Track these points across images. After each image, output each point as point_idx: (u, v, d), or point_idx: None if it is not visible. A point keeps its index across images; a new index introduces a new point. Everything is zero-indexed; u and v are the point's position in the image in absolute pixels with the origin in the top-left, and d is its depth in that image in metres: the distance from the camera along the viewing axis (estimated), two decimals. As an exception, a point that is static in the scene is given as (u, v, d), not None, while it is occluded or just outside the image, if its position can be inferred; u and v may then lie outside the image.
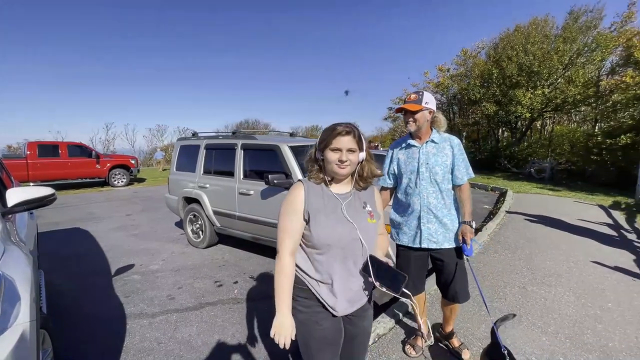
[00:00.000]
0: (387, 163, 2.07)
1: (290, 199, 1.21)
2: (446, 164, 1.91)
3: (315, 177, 1.24)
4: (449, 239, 1.94)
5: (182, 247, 4.69)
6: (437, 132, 1.96)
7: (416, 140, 1.96)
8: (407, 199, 1.97)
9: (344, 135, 1.15)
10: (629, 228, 5.45)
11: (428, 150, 1.93)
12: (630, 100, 10.78)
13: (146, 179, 13.95)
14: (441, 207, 1.92)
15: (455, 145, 1.95)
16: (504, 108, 15.46)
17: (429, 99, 1.87)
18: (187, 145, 4.91)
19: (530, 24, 15.43)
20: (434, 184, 1.91)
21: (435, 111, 1.92)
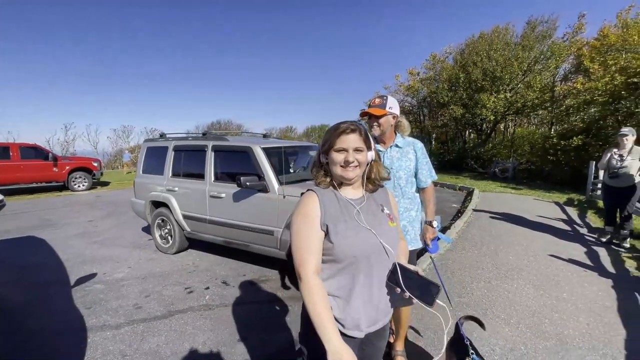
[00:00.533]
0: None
1: (304, 211, 1.05)
2: (409, 168, 1.96)
3: (322, 182, 1.13)
4: (410, 241, 1.99)
5: (149, 254, 4.48)
6: (401, 137, 2.00)
7: (380, 145, 1.99)
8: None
9: (349, 133, 1.06)
10: (581, 223, 5.89)
11: (392, 154, 1.97)
12: (581, 105, 11.68)
13: (110, 183, 13.22)
14: (402, 211, 1.97)
15: (419, 149, 1.99)
16: (470, 111, 16.23)
17: (392, 103, 1.90)
18: (155, 147, 4.70)
19: (493, 32, 16.32)
20: (397, 188, 1.95)
21: (399, 116, 1.96)
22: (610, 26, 12.27)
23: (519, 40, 15.65)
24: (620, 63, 10.03)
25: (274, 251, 3.40)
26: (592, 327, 2.50)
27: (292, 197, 3.20)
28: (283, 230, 3.25)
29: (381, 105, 1.87)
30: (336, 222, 1.04)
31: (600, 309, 2.78)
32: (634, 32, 10.42)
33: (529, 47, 14.94)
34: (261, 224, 3.44)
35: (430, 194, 2.07)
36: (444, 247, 4.39)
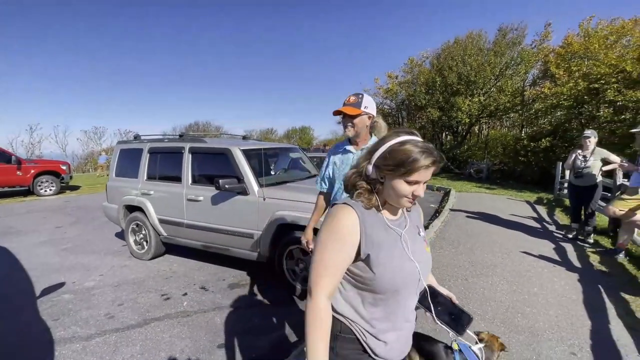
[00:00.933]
0: (324, 167, 2.00)
1: (337, 226, 0.91)
2: None
3: (365, 200, 0.96)
4: None
5: (123, 260, 4.30)
6: (375, 139, 1.84)
7: (353, 147, 1.88)
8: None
9: (431, 166, 0.89)
10: (550, 220, 6.20)
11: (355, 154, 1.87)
12: (549, 109, 12.32)
13: (81, 187, 12.60)
14: None
15: None
16: (446, 114, 16.75)
17: (368, 102, 1.78)
18: (129, 149, 4.53)
19: (467, 37, 16.94)
20: None
21: (375, 116, 1.84)
22: (574, 35, 13.02)
23: (491, 46, 16.35)
24: (583, 70, 10.67)
25: (254, 254, 3.36)
26: (561, 319, 2.63)
27: (272, 200, 3.17)
28: (263, 233, 3.21)
29: (356, 104, 1.75)
30: (379, 249, 0.92)
31: (568, 302, 2.93)
32: (595, 41, 11.12)
33: (501, 53, 15.63)
34: (241, 227, 3.38)
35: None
36: None
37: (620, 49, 10.95)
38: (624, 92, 9.12)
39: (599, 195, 4.68)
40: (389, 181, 0.93)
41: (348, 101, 1.77)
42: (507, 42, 15.92)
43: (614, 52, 10.50)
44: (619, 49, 10.95)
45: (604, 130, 9.60)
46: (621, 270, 3.68)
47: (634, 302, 2.91)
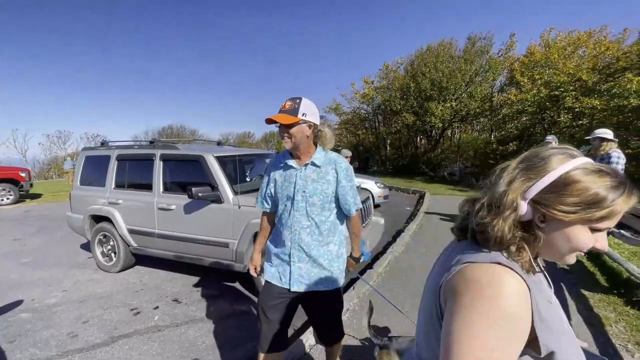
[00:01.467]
0: (265, 184, 1.74)
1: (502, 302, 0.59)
2: (327, 193, 1.57)
3: (521, 258, 0.67)
4: (325, 281, 1.64)
5: (89, 273, 4.07)
6: (322, 152, 1.62)
7: (295, 161, 1.61)
8: (280, 228, 1.66)
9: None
10: (517, 221, 6.51)
11: (307, 174, 1.58)
12: (515, 114, 13.02)
13: (43, 195, 11.85)
14: (316, 245, 1.60)
15: (342, 169, 1.60)
16: (420, 118, 17.26)
17: (308, 108, 1.52)
18: (95, 156, 4.31)
19: (439, 45, 17.60)
20: (309, 217, 1.58)
21: (318, 125, 1.59)
22: (536, 45, 13.86)
23: (461, 54, 17.06)
24: (544, 78, 11.37)
25: (230, 264, 3.28)
26: (527, 318, 2.75)
27: (248, 207, 3.12)
28: (239, 241, 3.15)
29: (292, 111, 1.49)
30: (558, 338, 0.64)
31: (534, 300, 3.07)
32: (554, 51, 11.89)
33: (470, 60, 16.35)
34: (215, 236, 3.30)
35: (356, 225, 1.75)
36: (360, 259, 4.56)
37: (577, 59, 11.78)
38: (580, 99, 9.79)
39: (560, 197, 4.97)
40: (558, 227, 0.65)
41: (283, 107, 1.52)
42: (476, 51, 16.69)
43: (572, 62, 11.27)
44: (576, 59, 11.77)
45: (564, 134, 10.26)
46: (581, 267, 3.92)
47: (592, 297, 3.10)
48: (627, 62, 9.30)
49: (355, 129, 24.82)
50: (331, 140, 1.63)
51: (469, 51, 16.69)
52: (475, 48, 16.75)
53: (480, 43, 16.82)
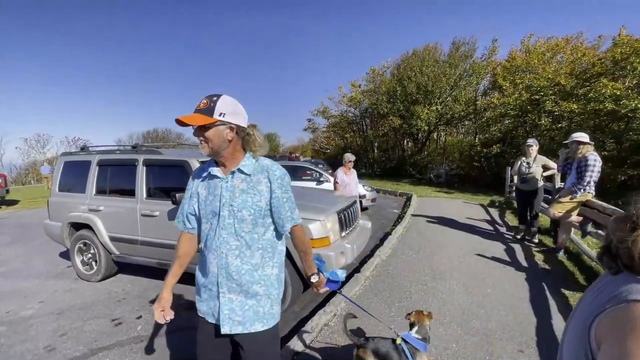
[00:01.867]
0: (186, 199, 1.44)
1: None
2: (259, 206, 1.32)
3: None
4: (264, 317, 1.34)
5: (68, 283, 3.93)
6: (252, 158, 1.37)
7: (220, 169, 1.35)
8: (206, 252, 1.38)
9: None
10: (501, 222, 6.66)
11: (235, 184, 1.33)
12: (498, 117, 13.35)
13: (20, 201, 11.42)
14: (249, 269, 1.32)
15: (275, 178, 1.34)
16: (407, 121, 17.51)
17: (227, 107, 1.26)
18: (74, 161, 4.18)
19: (424, 49, 17.94)
20: (238, 236, 1.31)
21: (242, 126, 1.32)
22: (517, 50, 14.28)
23: (446, 59, 17.45)
24: (525, 82, 11.71)
25: (215, 271, 3.22)
26: (510, 318, 2.81)
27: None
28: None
29: (207, 110, 1.24)
30: None
31: (516, 300, 3.14)
32: (534, 57, 12.27)
33: (455, 65, 16.73)
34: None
35: (302, 240, 1.48)
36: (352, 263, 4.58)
37: (556, 65, 12.19)
38: (559, 103, 10.12)
39: (541, 199, 5.12)
40: None
41: (198, 106, 1.27)
42: (460, 55, 17.10)
43: (551, 67, 11.66)
44: (555, 65, 12.19)
45: (545, 137, 10.57)
46: (561, 267, 4.03)
47: (572, 297, 3.19)
48: (602, 68, 9.68)
49: (343, 132, 24.97)
50: (262, 146, 1.37)
51: (453, 55, 17.08)
52: (460, 52, 17.16)
53: (464, 48, 17.25)
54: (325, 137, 29.41)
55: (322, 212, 3.11)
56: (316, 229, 2.93)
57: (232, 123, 1.27)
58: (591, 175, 3.88)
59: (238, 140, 1.33)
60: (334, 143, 28.52)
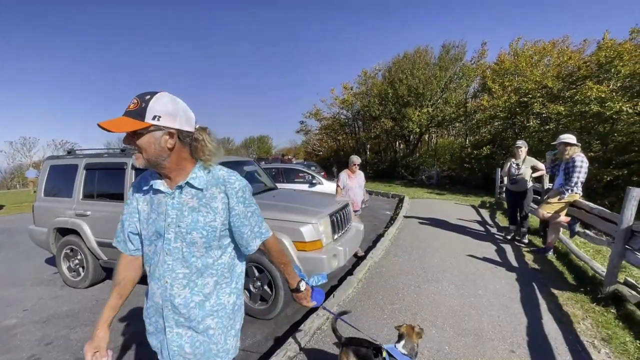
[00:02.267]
0: (127, 214, 1.21)
1: None
2: (213, 227, 1.11)
3: None
4: (217, 353, 1.18)
5: (55, 290, 3.83)
6: (203, 169, 1.14)
7: (164, 182, 1.13)
8: (149, 280, 1.20)
9: None
10: (492, 223, 6.74)
11: (183, 201, 1.11)
12: (487, 119, 13.54)
13: (4, 206, 11.11)
14: (199, 301, 1.13)
15: (234, 192, 1.13)
16: (398, 124, 17.65)
17: (163, 108, 1.02)
18: (61, 165, 4.09)
19: (415, 52, 18.13)
20: (187, 262, 1.11)
21: (187, 130, 1.08)
22: (505, 53, 14.54)
23: (436, 61, 17.66)
24: (514, 85, 11.92)
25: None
26: (502, 319, 2.83)
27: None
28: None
29: (136, 113, 1.00)
30: None
31: (507, 301, 3.17)
32: (522, 60, 12.51)
33: (445, 67, 16.95)
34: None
35: (279, 252, 1.31)
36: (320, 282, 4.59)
37: (543, 67, 12.44)
38: (547, 105, 10.33)
39: (530, 199, 5.19)
40: None
41: (128, 107, 1.03)
42: (450, 58, 17.33)
43: (538, 70, 11.89)
44: (542, 67, 12.43)
45: (533, 139, 10.76)
46: (551, 267, 4.09)
47: (561, 296, 3.23)
48: (588, 71, 9.92)
49: (336, 134, 25.02)
50: (215, 153, 1.15)
51: (443, 58, 17.31)
52: (450, 55, 17.40)
53: (454, 51, 17.50)
54: (318, 139, 29.43)
55: (314, 214, 3.09)
56: (308, 232, 2.92)
57: (170, 127, 1.03)
58: (578, 176, 3.95)
59: (183, 148, 1.10)
60: (327, 145, 28.56)
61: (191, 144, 1.11)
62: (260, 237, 1.22)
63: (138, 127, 0.99)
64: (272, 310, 2.93)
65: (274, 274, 2.87)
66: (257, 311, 3.00)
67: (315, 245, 2.95)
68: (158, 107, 1.01)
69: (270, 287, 2.95)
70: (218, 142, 1.17)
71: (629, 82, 8.76)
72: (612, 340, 2.49)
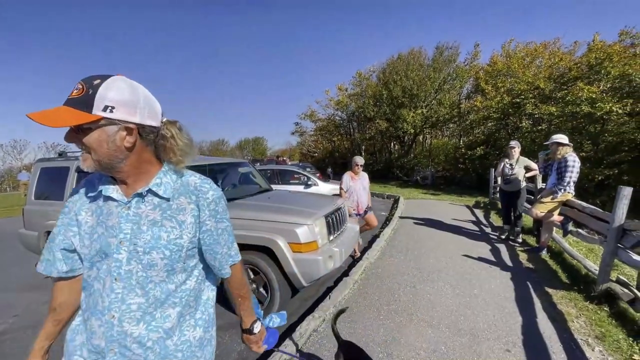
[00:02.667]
0: (61, 226, 0.96)
1: None
2: (179, 245, 0.91)
3: None
4: None
5: (45, 295, 3.75)
6: (172, 173, 0.94)
7: (118, 188, 0.91)
8: (87, 314, 0.93)
9: None
10: (486, 223, 6.78)
11: (141, 212, 0.89)
12: (481, 120, 13.66)
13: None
14: (158, 339, 0.91)
15: (208, 203, 0.95)
16: (393, 124, 17.73)
17: (118, 95, 0.80)
18: (52, 167, 4.03)
19: (409, 53, 18.26)
20: (143, 290, 0.89)
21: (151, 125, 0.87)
22: (498, 55, 14.70)
23: (430, 63, 17.81)
24: (507, 86, 12.06)
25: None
26: (497, 318, 2.84)
27: (218, 219, 3.02)
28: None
29: (80, 102, 0.78)
30: None
31: (503, 300, 3.18)
32: (514, 61, 12.66)
33: (439, 69, 17.09)
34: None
35: (239, 283, 1.10)
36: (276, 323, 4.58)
37: (535, 69, 12.61)
38: (539, 106, 10.45)
39: (524, 199, 5.24)
40: None
41: (70, 94, 0.80)
42: (444, 59, 17.48)
43: (530, 71, 12.05)
44: (534, 69, 12.59)
45: (526, 139, 10.88)
46: (544, 266, 4.12)
47: (555, 294, 3.26)
48: (578, 72, 10.08)
49: (331, 136, 25.08)
50: (187, 152, 0.93)
51: (437, 60, 17.45)
52: (443, 57, 17.56)
53: (447, 52, 17.65)
54: (313, 140, 29.46)
55: (309, 215, 3.08)
56: (304, 233, 2.90)
57: (128, 121, 0.81)
58: (571, 176, 4.00)
59: (146, 147, 0.88)
60: (322, 146, 28.59)
61: (156, 142, 0.90)
62: (230, 260, 1.05)
63: (83, 120, 0.77)
64: (268, 312, 2.91)
65: (269, 276, 2.85)
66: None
67: (310, 247, 2.93)
68: (111, 94, 0.79)
69: (266, 290, 2.94)
70: (191, 139, 0.96)
71: (618, 83, 8.92)
72: (605, 338, 2.52)
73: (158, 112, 0.90)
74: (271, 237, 2.81)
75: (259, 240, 2.84)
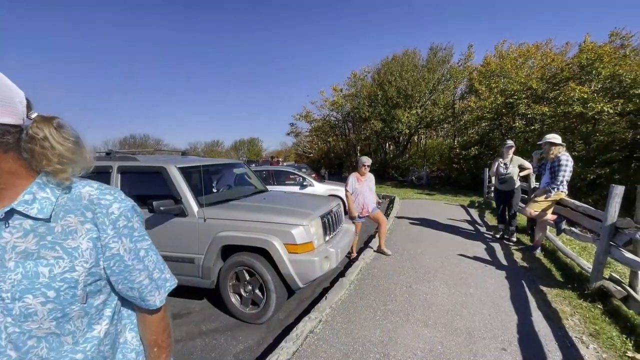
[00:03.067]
0: None
1: None
2: (70, 281, 0.68)
3: None
4: None
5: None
6: (51, 185, 0.70)
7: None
8: None
9: None
10: (481, 222, 6.83)
11: (3, 242, 0.65)
12: (475, 120, 13.77)
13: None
14: None
15: (109, 219, 0.73)
16: (388, 125, 17.79)
17: None
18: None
19: (403, 54, 18.34)
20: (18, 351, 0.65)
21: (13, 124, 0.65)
22: (491, 56, 14.84)
23: (424, 63, 17.90)
24: (500, 86, 12.16)
25: (196, 280, 3.12)
26: (493, 317, 2.85)
27: (213, 220, 3.00)
28: (205, 256, 3.00)
29: None
30: None
31: (498, 299, 3.20)
32: (508, 62, 12.78)
33: (433, 69, 17.19)
34: (180, 251, 3.13)
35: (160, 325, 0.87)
36: None
37: (527, 69, 12.74)
38: (532, 106, 10.56)
39: (518, 198, 5.28)
40: None
41: None
42: (438, 60, 17.60)
43: (523, 72, 12.17)
44: (527, 69, 12.73)
45: (519, 139, 10.99)
46: (539, 264, 4.16)
47: (549, 293, 3.29)
48: (570, 73, 10.20)
49: (326, 136, 25.09)
50: (69, 157, 0.70)
51: (431, 60, 17.56)
52: (437, 58, 17.67)
53: (441, 53, 17.77)
54: (308, 141, 29.44)
55: (305, 216, 3.07)
56: (299, 234, 2.89)
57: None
58: (564, 175, 4.04)
59: (4, 153, 0.64)
60: (317, 147, 28.59)
61: (23, 147, 0.67)
62: (164, 287, 0.83)
63: None
64: (264, 314, 2.89)
65: (265, 277, 2.83)
66: (249, 316, 2.96)
67: (306, 248, 2.92)
68: None
69: (262, 291, 2.92)
70: (78, 140, 0.72)
71: (609, 83, 9.05)
72: (599, 335, 2.54)
73: (17, 104, 0.65)
74: (267, 238, 2.79)
75: (254, 241, 2.82)
